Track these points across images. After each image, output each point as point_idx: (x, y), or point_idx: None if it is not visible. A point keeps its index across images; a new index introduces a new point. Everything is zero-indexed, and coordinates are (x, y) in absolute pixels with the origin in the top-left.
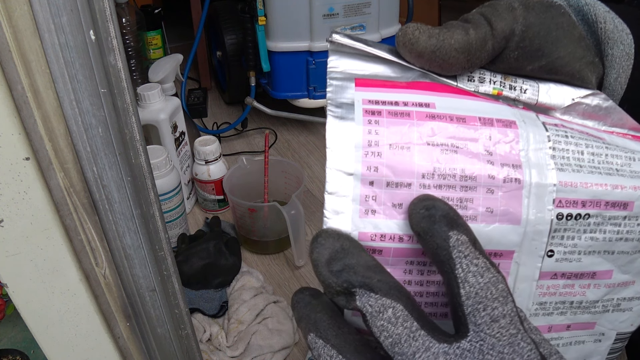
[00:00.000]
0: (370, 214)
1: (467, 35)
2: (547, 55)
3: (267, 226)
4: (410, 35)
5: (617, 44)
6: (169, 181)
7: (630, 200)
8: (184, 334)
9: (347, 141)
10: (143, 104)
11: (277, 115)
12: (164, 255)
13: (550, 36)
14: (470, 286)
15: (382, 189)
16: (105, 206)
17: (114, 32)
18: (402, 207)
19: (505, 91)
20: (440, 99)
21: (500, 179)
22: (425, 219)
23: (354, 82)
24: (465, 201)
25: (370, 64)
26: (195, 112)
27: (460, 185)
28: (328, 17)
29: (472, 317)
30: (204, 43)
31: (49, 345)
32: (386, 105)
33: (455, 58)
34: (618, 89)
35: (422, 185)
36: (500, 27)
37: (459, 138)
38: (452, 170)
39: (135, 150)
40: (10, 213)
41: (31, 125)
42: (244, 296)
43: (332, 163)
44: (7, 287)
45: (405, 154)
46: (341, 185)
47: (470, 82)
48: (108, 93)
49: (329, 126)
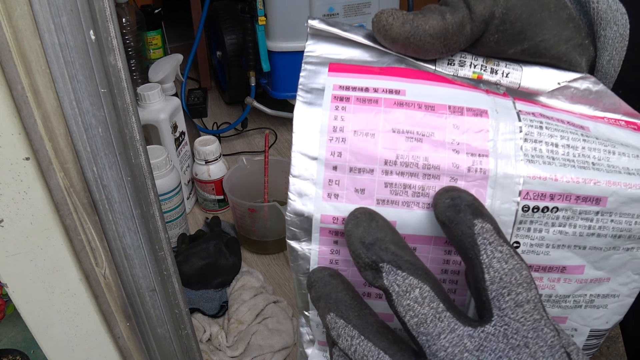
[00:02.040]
0: (333, 197)
1: (443, 20)
2: (530, 39)
3: (267, 226)
4: (384, 21)
5: (610, 24)
6: (169, 181)
7: (604, 195)
8: (184, 334)
9: (312, 126)
10: (143, 104)
11: (277, 115)
12: (164, 255)
13: (533, 18)
14: (495, 271)
15: (345, 174)
16: (105, 206)
17: (114, 32)
18: (364, 193)
19: (485, 75)
20: (412, 86)
21: (464, 168)
22: (450, 208)
23: (328, 67)
24: (428, 189)
25: (347, 48)
26: (195, 112)
27: (423, 173)
28: (328, 17)
29: (496, 301)
30: (204, 43)
31: (49, 345)
32: (356, 91)
33: (430, 44)
34: (611, 72)
35: (384, 172)
36: (479, 11)
37: (425, 126)
38: (415, 158)
39: (135, 150)
40: (10, 213)
41: (31, 125)
42: (244, 296)
43: (297, 147)
44: (7, 287)
45: (369, 140)
46: (305, 169)
47: (450, 66)
48: (108, 93)
49: (296, 111)
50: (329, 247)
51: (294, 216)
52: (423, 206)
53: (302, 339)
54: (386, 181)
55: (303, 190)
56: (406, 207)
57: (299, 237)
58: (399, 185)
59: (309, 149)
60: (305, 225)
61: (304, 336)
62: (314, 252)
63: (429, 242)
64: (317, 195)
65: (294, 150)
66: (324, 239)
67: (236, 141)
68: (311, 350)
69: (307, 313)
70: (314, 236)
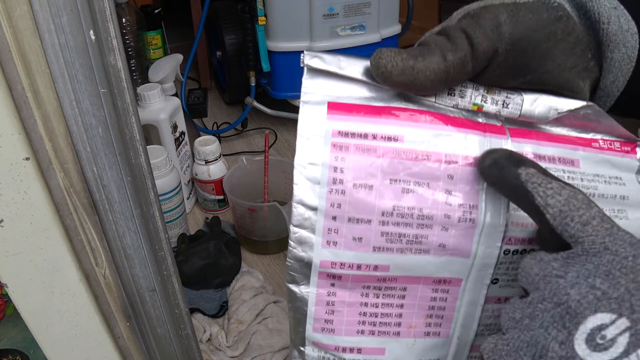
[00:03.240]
0: (332, 245)
1: (444, 63)
2: (533, 71)
3: (267, 226)
4: (383, 68)
5: (618, 47)
6: (169, 181)
7: None
8: (184, 334)
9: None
10: (143, 104)
11: (277, 115)
12: (164, 255)
13: (537, 51)
14: (553, 207)
15: (343, 224)
16: (105, 206)
17: (114, 32)
18: (362, 241)
19: (486, 106)
20: (411, 131)
21: (455, 218)
22: (493, 167)
23: (326, 107)
24: (420, 237)
25: (345, 83)
26: (195, 112)
27: (417, 223)
28: (328, 17)
29: (565, 232)
30: (204, 43)
31: (49, 345)
32: (355, 138)
33: (430, 87)
34: (614, 92)
35: (381, 222)
36: (482, 48)
37: (421, 176)
38: (411, 210)
39: (135, 150)
40: (10, 213)
41: (31, 125)
42: (244, 296)
43: (298, 197)
44: (7, 287)
45: (367, 193)
46: (305, 219)
47: (450, 97)
48: (108, 93)
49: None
50: (326, 289)
51: (294, 262)
52: (416, 252)
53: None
54: (382, 230)
55: (303, 239)
56: (400, 253)
57: (297, 281)
58: (394, 235)
59: (310, 199)
60: (305, 270)
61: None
62: (312, 294)
63: (418, 282)
64: (316, 243)
65: (294, 201)
66: (322, 282)
67: (236, 141)
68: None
69: (303, 349)
70: (313, 280)
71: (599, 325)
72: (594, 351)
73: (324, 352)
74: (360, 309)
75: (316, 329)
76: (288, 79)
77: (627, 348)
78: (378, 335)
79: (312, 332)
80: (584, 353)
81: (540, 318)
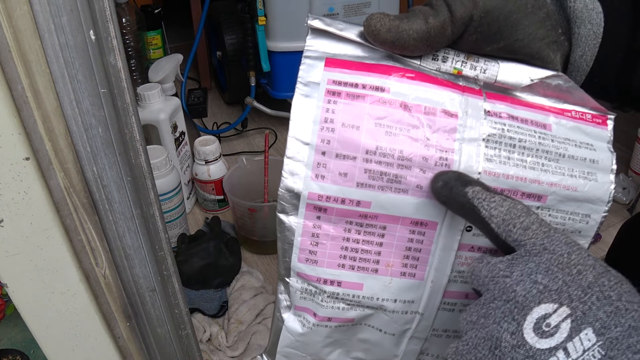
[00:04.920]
0: (320, 178)
1: (426, 24)
2: (506, 38)
3: (267, 226)
4: (373, 27)
5: (584, 23)
6: (169, 181)
7: (545, 194)
8: (184, 334)
9: (307, 116)
10: (143, 104)
11: (277, 115)
12: (164, 255)
13: (509, 20)
14: (496, 217)
15: (331, 159)
16: (105, 206)
17: (114, 32)
18: (347, 176)
19: (465, 70)
20: (396, 84)
21: (432, 161)
22: (444, 188)
23: (324, 62)
24: (400, 177)
25: (343, 44)
26: (195, 112)
27: (397, 163)
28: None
29: (509, 237)
30: (204, 43)
31: (49, 345)
32: (347, 87)
33: (414, 46)
34: (583, 66)
35: (365, 160)
36: (459, 14)
37: (403, 123)
38: (392, 150)
39: (135, 150)
40: (10, 213)
41: (31, 125)
42: (244, 296)
43: (293, 133)
44: (7, 287)
45: (354, 132)
46: (298, 152)
47: (434, 61)
48: (108, 93)
49: (294, 101)
50: (312, 221)
51: (285, 192)
52: (395, 191)
53: (280, 304)
54: (366, 167)
55: (294, 170)
56: (381, 191)
57: (287, 211)
58: (376, 172)
59: (303, 135)
60: (294, 200)
61: (282, 302)
62: (299, 225)
63: (397, 222)
64: (306, 175)
65: (290, 136)
66: (309, 214)
67: (236, 141)
68: (287, 315)
69: (288, 280)
70: (300, 211)
71: (543, 315)
72: (541, 338)
73: (306, 283)
74: (342, 243)
75: (301, 259)
76: (288, 79)
77: (570, 333)
78: (357, 270)
79: (297, 262)
80: (532, 340)
81: (492, 315)
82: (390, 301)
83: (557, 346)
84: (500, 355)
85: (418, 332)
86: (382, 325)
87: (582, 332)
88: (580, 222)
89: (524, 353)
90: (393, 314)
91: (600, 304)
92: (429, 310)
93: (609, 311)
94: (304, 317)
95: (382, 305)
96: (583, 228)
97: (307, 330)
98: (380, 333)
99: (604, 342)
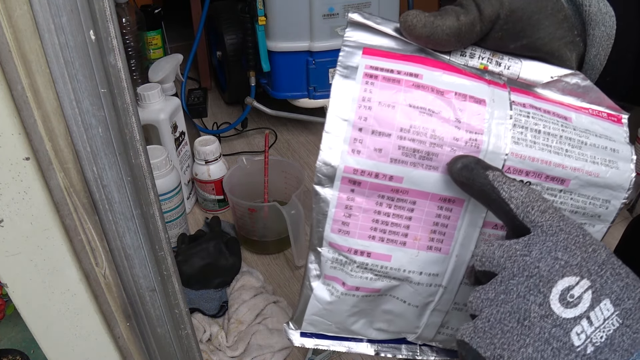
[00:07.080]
0: (356, 153)
1: (457, 21)
2: (528, 37)
3: (267, 226)
4: (409, 22)
5: (598, 25)
6: (169, 181)
7: (568, 178)
8: (184, 334)
9: (346, 95)
10: (143, 104)
11: (277, 115)
12: (164, 255)
13: (531, 20)
14: (516, 199)
15: (367, 135)
16: (105, 206)
17: (114, 32)
18: (381, 152)
19: (490, 66)
20: (429, 72)
21: (463, 141)
22: (464, 169)
23: (362, 50)
24: (432, 155)
25: (379, 37)
26: (195, 112)
27: (429, 141)
28: (328, 17)
29: (526, 218)
30: (204, 43)
31: (49, 345)
32: (383, 72)
33: (446, 40)
34: (597, 65)
35: (399, 137)
36: (487, 13)
37: (435, 105)
38: (425, 129)
39: (135, 150)
40: (10, 213)
41: (31, 125)
42: (244, 296)
43: (332, 110)
44: (7, 287)
45: (390, 111)
46: (337, 128)
47: (462, 57)
48: (108, 93)
49: (335, 82)
50: (346, 194)
51: (322, 164)
52: (427, 167)
53: (310, 273)
54: (399, 144)
55: (332, 145)
56: (413, 167)
57: (323, 183)
58: (409, 149)
59: (342, 112)
60: (330, 173)
61: (312, 271)
62: (334, 197)
63: (426, 197)
64: (343, 150)
65: (329, 113)
66: (344, 186)
67: (236, 141)
68: (317, 284)
69: (320, 249)
70: (336, 183)
71: (567, 287)
72: (566, 308)
73: (337, 253)
74: (373, 216)
75: (334, 229)
76: (288, 79)
77: (591, 303)
78: (386, 242)
79: (330, 232)
80: (559, 310)
81: (515, 291)
82: (416, 273)
83: (581, 315)
84: (529, 325)
85: (440, 305)
86: (407, 297)
87: (601, 303)
88: (601, 207)
89: (552, 322)
90: (418, 286)
91: (614, 278)
92: (452, 284)
93: (622, 285)
94: (332, 286)
95: (408, 277)
96: (603, 213)
97: (335, 299)
98: (404, 305)
99: (620, 312)
